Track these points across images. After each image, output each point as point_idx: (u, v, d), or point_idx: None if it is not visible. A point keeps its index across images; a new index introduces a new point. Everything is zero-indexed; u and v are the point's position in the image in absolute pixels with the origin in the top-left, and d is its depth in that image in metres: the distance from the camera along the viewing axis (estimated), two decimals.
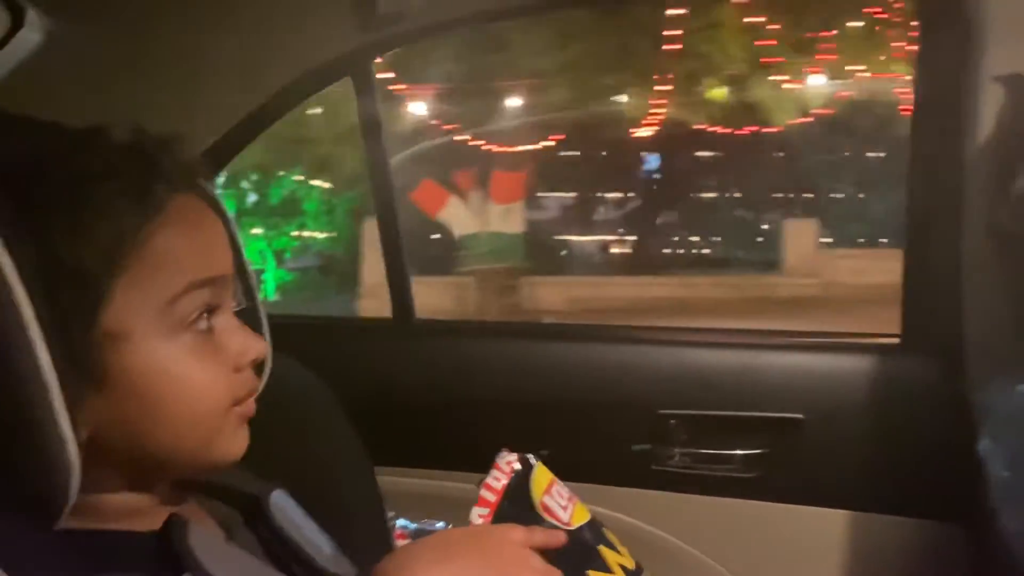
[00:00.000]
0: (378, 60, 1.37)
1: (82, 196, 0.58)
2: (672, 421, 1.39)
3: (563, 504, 0.78)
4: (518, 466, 0.78)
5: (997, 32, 1.13)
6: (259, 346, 0.68)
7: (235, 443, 0.66)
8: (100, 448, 0.60)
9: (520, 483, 0.77)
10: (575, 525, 0.77)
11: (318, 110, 6.88)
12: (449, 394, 1.47)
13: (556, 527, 0.75)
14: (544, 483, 0.78)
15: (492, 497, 0.75)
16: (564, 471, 1.42)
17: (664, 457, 1.39)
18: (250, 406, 0.68)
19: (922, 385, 1.37)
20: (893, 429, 1.37)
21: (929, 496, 1.35)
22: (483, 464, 1.56)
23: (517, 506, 0.76)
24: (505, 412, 1.43)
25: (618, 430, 1.40)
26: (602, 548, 0.78)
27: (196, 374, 0.62)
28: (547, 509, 0.77)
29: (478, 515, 0.74)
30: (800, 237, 9.13)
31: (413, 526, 0.95)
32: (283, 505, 0.78)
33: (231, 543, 0.70)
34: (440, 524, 1.03)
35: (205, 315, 0.64)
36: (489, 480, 0.76)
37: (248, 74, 1.32)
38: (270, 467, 0.77)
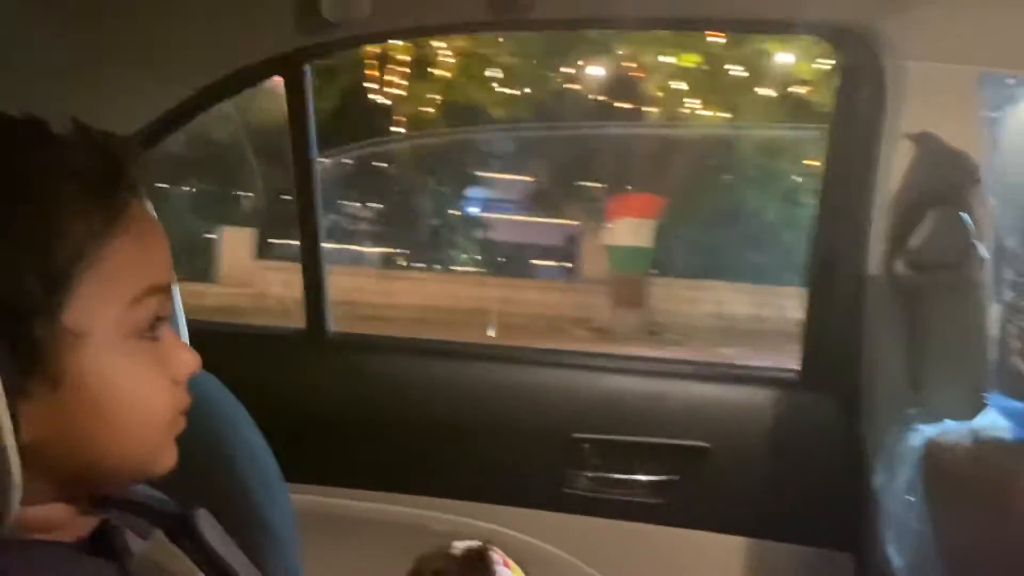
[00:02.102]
0: None
1: (58, 191, 0.57)
2: (585, 445, 1.40)
3: None
4: None
5: (912, 90, 1.21)
6: (197, 359, 0.68)
7: (169, 456, 0.66)
8: (37, 455, 0.57)
9: None
10: None
11: None
12: (361, 411, 1.44)
13: None
14: None
15: None
16: (477, 492, 1.43)
17: (576, 480, 1.41)
18: (182, 420, 0.68)
19: (819, 420, 1.44)
20: (791, 460, 1.43)
21: (822, 526, 1.41)
22: (393, 483, 1.54)
23: None
24: (419, 432, 1.42)
25: (533, 452, 1.41)
26: None
27: (147, 382, 0.62)
28: None
29: None
30: (235, 246, 9.11)
31: None
32: (209, 524, 0.77)
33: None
34: None
35: (154, 324, 0.63)
36: None
37: (178, 65, 1.26)
38: (185, 483, 0.74)
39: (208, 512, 0.78)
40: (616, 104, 6.98)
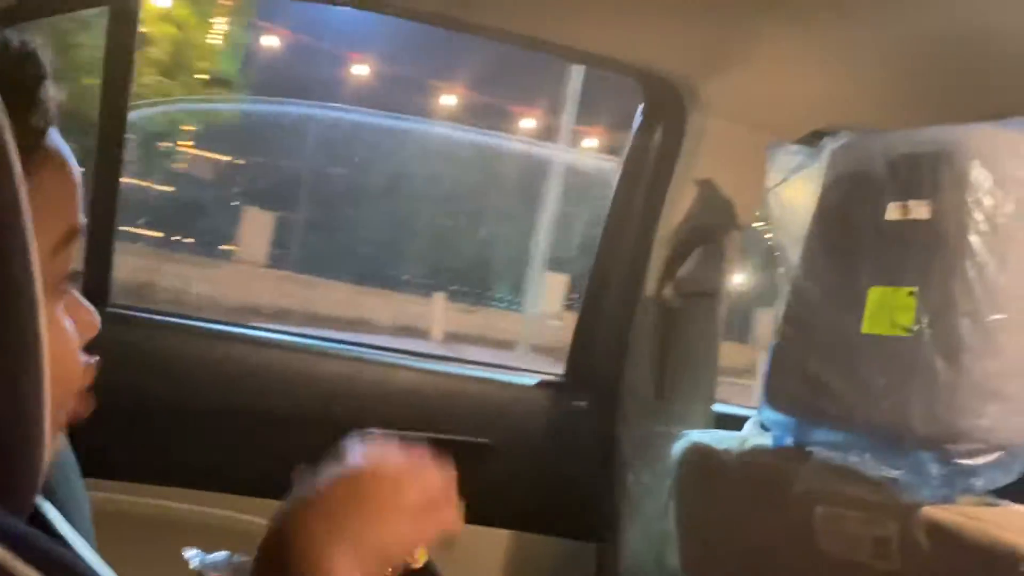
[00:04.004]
0: None
1: None
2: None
3: None
4: None
5: (707, 142, 1.39)
6: (99, 320, 0.59)
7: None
8: None
9: None
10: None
11: None
12: (145, 397, 1.27)
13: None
14: None
15: None
16: (266, 487, 1.33)
17: None
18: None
19: (580, 422, 1.58)
20: (554, 458, 1.56)
21: (574, 518, 1.56)
22: (178, 477, 1.40)
23: None
24: (208, 421, 1.29)
25: (322, 446, 1.35)
26: None
27: (68, 348, 0.53)
28: None
29: None
30: None
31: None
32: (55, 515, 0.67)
33: None
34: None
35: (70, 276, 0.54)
36: None
37: None
38: None
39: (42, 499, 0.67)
40: None
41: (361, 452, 0.63)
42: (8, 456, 0.41)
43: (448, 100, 9.54)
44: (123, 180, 1.24)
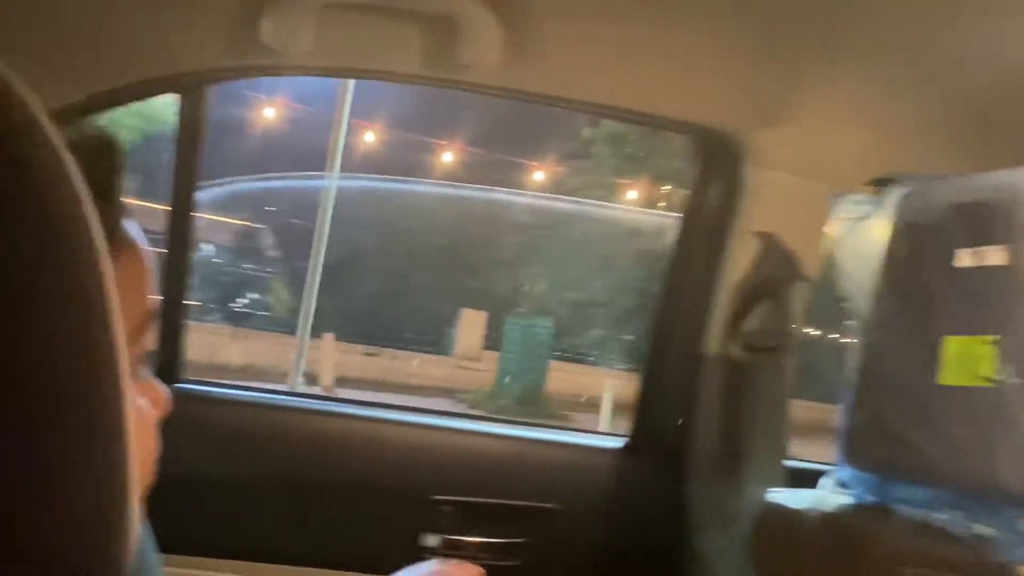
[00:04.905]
0: None
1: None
2: (445, 507, 1.38)
3: None
4: None
5: (766, 195, 1.38)
6: (171, 398, 0.59)
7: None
8: None
9: None
10: None
11: None
12: (214, 471, 1.29)
13: None
14: None
15: None
16: (333, 558, 1.34)
17: (431, 544, 1.38)
18: None
19: (650, 483, 1.55)
20: (624, 521, 1.52)
21: None
22: (248, 551, 1.40)
23: None
24: (275, 492, 1.30)
25: (392, 515, 1.36)
26: None
27: (146, 430, 0.53)
28: None
29: None
30: None
31: None
32: None
33: None
34: None
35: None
36: None
37: (68, 66, 1.06)
38: None
39: None
40: None
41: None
42: (102, 547, 0.41)
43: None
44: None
